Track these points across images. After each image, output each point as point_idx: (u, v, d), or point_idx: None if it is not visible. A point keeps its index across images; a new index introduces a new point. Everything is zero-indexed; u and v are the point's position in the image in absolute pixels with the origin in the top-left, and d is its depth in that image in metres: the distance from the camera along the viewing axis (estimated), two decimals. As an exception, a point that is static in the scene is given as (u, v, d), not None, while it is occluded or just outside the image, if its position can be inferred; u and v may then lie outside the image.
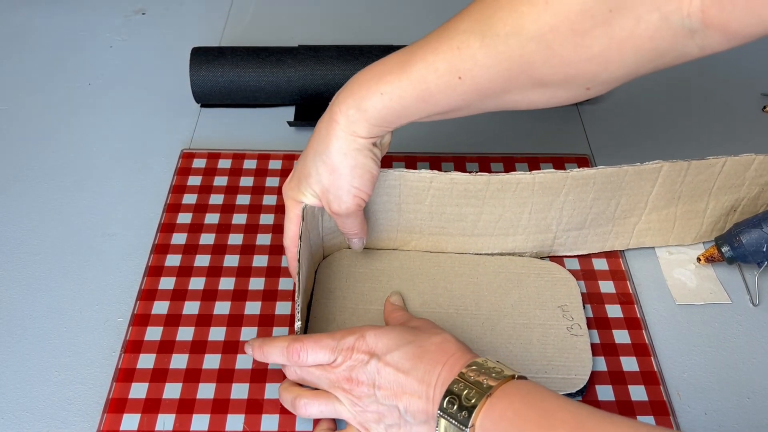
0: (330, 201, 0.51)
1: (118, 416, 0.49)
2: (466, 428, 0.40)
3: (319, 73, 0.72)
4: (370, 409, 0.45)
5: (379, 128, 0.48)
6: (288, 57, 0.73)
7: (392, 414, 0.44)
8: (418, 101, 0.46)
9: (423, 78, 0.45)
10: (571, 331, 0.54)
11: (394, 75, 0.46)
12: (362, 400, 0.45)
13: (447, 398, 0.41)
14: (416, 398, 0.43)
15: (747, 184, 0.57)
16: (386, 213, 0.57)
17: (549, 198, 0.55)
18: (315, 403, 0.47)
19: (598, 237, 0.59)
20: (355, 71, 0.71)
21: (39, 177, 0.68)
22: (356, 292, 0.56)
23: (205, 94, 0.73)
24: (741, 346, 0.55)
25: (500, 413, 0.40)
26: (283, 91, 0.73)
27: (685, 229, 0.60)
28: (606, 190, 0.56)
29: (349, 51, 0.74)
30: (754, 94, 0.78)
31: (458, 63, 0.44)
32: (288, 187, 0.53)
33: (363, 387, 0.45)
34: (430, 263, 0.59)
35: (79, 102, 0.77)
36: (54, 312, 0.56)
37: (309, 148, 0.51)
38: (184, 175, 0.67)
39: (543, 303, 0.56)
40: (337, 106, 0.49)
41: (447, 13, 0.47)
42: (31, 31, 0.86)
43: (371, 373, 0.45)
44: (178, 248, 0.61)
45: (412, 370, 0.44)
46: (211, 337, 0.54)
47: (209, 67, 0.72)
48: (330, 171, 0.50)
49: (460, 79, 0.44)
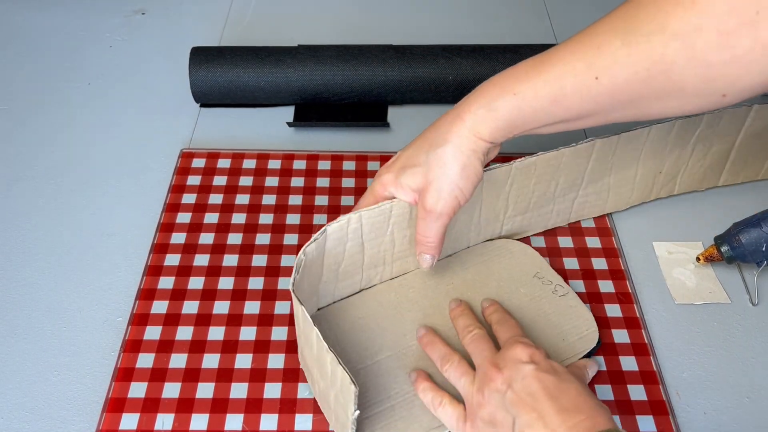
0: (428, 196, 0.50)
1: (117, 416, 0.50)
2: None
3: (318, 73, 0.72)
4: (488, 408, 0.44)
5: (503, 131, 0.48)
6: (287, 57, 0.73)
7: (505, 424, 0.43)
8: (550, 103, 0.46)
9: (559, 77, 0.45)
10: (558, 294, 0.56)
11: (529, 75, 0.46)
12: (490, 394, 0.45)
13: None
14: (541, 425, 0.41)
15: (669, 147, 0.61)
16: (352, 257, 0.53)
17: (496, 191, 0.56)
18: (458, 367, 0.48)
19: (541, 217, 0.61)
20: (355, 71, 0.72)
21: (39, 177, 0.68)
22: (355, 349, 0.53)
23: (205, 94, 0.73)
24: (740, 346, 0.55)
25: None
26: (283, 91, 0.73)
27: (618, 197, 0.63)
28: (546, 173, 0.57)
29: (349, 51, 0.74)
30: (753, 93, 0.78)
31: (597, 61, 0.44)
32: (386, 170, 0.53)
33: (500, 381, 0.45)
34: (402, 288, 0.57)
35: (79, 102, 0.77)
36: (54, 312, 0.56)
37: (423, 139, 0.51)
38: (184, 174, 0.67)
39: (520, 279, 0.57)
40: (466, 105, 0.49)
41: (447, 13, 0.47)
42: (31, 31, 0.86)
43: (517, 375, 0.44)
44: (177, 248, 0.61)
45: (554, 399, 0.42)
46: (210, 336, 0.54)
47: (209, 67, 0.72)
48: (440, 165, 0.49)
49: (596, 79, 0.44)
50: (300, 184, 0.67)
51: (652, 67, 0.42)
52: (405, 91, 0.74)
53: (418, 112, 0.75)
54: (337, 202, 0.65)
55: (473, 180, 0.50)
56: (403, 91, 0.74)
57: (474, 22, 0.88)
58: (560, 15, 0.89)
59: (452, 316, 0.54)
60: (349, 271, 0.54)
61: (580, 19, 0.51)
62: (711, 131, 0.61)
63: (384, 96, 0.74)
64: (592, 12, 0.51)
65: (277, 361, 0.53)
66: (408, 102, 0.75)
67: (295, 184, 0.67)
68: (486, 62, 0.73)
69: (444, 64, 0.73)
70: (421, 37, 0.79)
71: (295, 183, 0.67)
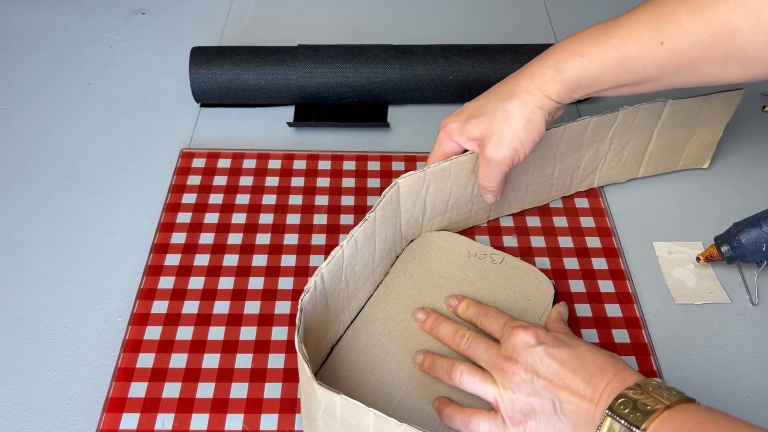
0: (489, 144, 0.53)
1: (117, 416, 0.50)
2: (637, 430, 0.39)
3: (318, 73, 0.72)
4: (522, 399, 0.44)
5: (569, 92, 0.50)
6: (287, 57, 0.73)
7: (545, 408, 0.44)
8: (616, 66, 0.48)
9: (625, 41, 0.47)
10: (496, 262, 0.58)
11: (596, 38, 0.49)
12: (518, 386, 0.45)
13: (620, 401, 0.41)
14: (578, 398, 0.43)
15: (586, 143, 0.62)
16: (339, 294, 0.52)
17: (413, 197, 0.56)
18: (470, 373, 0.47)
19: (460, 217, 0.62)
20: (355, 71, 0.72)
21: (39, 177, 0.68)
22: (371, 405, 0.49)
23: (205, 94, 0.73)
24: (740, 346, 0.55)
25: (679, 424, 0.39)
26: (283, 91, 0.73)
27: (536, 194, 0.64)
28: (461, 176, 0.58)
29: (349, 51, 0.74)
30: (754, 94, 0.78)
31: (663, 27, 0.46)
32: (452, 119, 0.55)
33: (521, 371, 0.45)
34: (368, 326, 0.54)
35: (79, 102, 0.77)
36: (54, 312, 0.56)
37: (492, 92, 0.54)
38: (184, 174, 0.67)
39: (459, 264, 0.58)
40: (536, 64, 0.51)
41: (447, 13, 0.47)
42: (31, 31, 0.86)
43: (534, 359, 0.45)
44: (177, 248, 0.61)
45: (578, 370, 0.44)
46: (211, 336, 0.54)
47: (209, 67, 0.72)
48: (505, 117, 0.52)
49: (662, 44, 0.46)
50: (300, 184, 0.67)
51: (715, 34, 0.44)
52: (405, 91, 0.74)
53: (418, 112, 0.75)
54: (337, 202, 0.65)
55: (534, 135, 0.52)
56: (403, 91, 0.74)
57: (474, 22, 0.88)
58: (560, 15, 0.89)
59: (427, 328, 0.53)
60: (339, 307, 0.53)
61: (580, 19, 0.51)
62: (627, 126, 0.62)
63: (384, 96, 0.74)
64: (593, 12, 0.51)
65: (277, 361, 0.53)
66: (408, 102, 0.75)
67: (295, 184, 0.67)
68: (486, 62, 0.73)
69: (444, 64, 0.73)
70: (421, 37, 0.79)
71: (295, 183, 0.67)
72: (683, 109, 0.63)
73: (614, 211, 0.65)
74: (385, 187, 0.66)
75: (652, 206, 0.66)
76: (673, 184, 0.68)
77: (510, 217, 0.64)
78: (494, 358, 0.47)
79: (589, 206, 0.65)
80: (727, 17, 0.43)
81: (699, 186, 0.68)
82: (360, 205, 0.65)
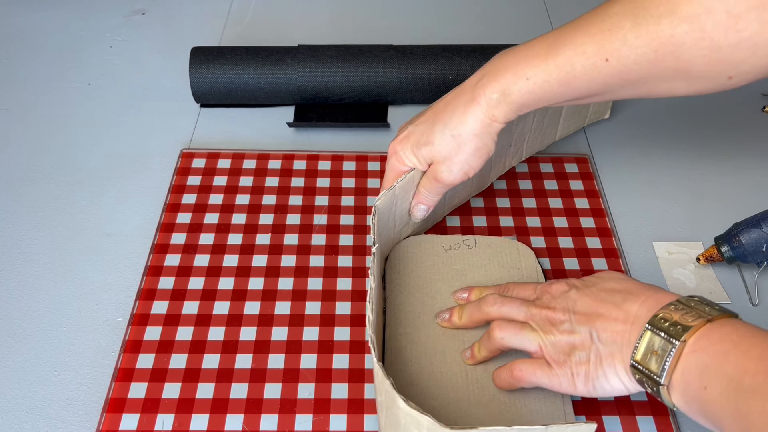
0: (441, 171, 0.54)
1: (117, 416, 0.49)
2: (677, 341, 0.40)
3: (318, 73, 0.72)
4: (564, 338, 0.46)
5: (516, 112, 0.51)
6: (287, 57, 0.73)
7: (585, 341, 0.45)
8: (560, 85, 0.48)
9: (569, 60, 0.47)
10: (471, 246, 0.60)
11: (541, 59, 0.48)
12: (557, 326, 0.46)
13: (660, 316, 0.42)
14: (612, 321, 0.44)
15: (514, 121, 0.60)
16: None
17: (386, 215, 0.56)
18: (508, 326, 0.48)
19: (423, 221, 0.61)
20: (355, 71, 0.72)
21: (39, 177, 0.68)
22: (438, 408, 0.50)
23: (205, 94, 0.73)
24: (740, 346, 0.55)
25: (722, 336, 0.39)
26: (283, 91, 0.73)
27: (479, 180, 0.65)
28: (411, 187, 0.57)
29: (349, 51, 0.74)
30: (754, 94, 0.78)
31: (607, 44, 0.45)
32: (400, 146, 0.55)
33: (559, 314, 0.46)
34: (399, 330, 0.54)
35: (79, 102, 0.77)
36: (54, 312, 0.56)
37: (437, 118, 0.53)
38: (184, 174, 0.67)
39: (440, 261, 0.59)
40: (480, 89, 0.51)
41: (447, 13, 0.47)
42: (31, 31, 0.87)
43: (570, 301, 0.47)
44: (177, 248, 0.61)
45: (609, 297, 0.45)
46: (211, 336, 0.54)
47: (209, 67, 0.72)
48: (456, 146, 0.52)
49: (606, 61, 0.46)
50: (300, 184, 0.67)
51: (660, 49, 0.44)
52: (405, 91, 0.74)
53: (418, 112, 0.75)
54: (338, 202, 0.65)
55: (484, 157, 0.54)
56: (403, 91, 0.74)
57: (474, 22, 0.88)
58: (560, 15, 0.89)
59: (457, 321, 0.53)
60: None
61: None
62: None
63: (384, 96, 0.74)
64: (593, 12, 0.51)
65: (277, 361, 0.53)
66: (408, 102, 0.75)
67: (295, 184, 0.67)
68: (486, 62, 0.73)
69: (444, 64, 0.73)
70: (421, 37, 0.79)
71: (295, 183, 0.67)
72: None
73: (614, 211, 0.65)
74: (385, 188, 0.66)
75: (652, 206, 0.66)
76: (673, 184, 0.68)
77: (510, 218, 0.64)
78: (531, 309, 0.48)
79: (589, 207, 0.65)
80: (671, 32, 0.43)
81: (699, 186, 0.68)
82: (360, 205, 0.65)
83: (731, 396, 0.37)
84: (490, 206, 0.65)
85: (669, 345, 0.40)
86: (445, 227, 0.63)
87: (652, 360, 0.41)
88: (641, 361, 0.42)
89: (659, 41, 0.43)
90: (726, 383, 0.37)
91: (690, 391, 0.40)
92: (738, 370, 0.37)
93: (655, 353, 0.41)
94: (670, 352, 0.40)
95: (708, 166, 0.70)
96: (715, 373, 0.38)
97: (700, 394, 0.39)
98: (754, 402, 0.36)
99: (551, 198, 0.66)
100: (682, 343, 0.40)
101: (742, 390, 0.37)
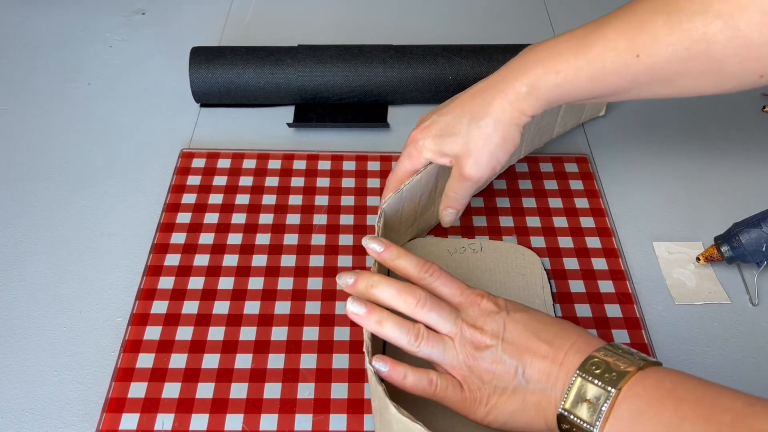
0: (466, 164, 0.52)
1: (117, 416, 0.49)
2: (613, 388, 0.38)
3: (318, 73, 0.72)
4: (485, 366, 0.43)
5: (543, 107, 0.50)
6: (287, 57, 0.73)
7: (508, 374, 0.42)
8: (590, 80, 0.47)
9: (600, 56, 0.46)
10: (477, 251, 0.59)
11: (571, 53, 0.48)
12: (481, 351, 0.43)
13: (591, 361, 0.40)
14: (540, 359, 0.42)
15: None
16: None
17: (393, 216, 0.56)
18: (431, 338, 0.44)
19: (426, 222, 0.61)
20: (355, 71, 0.72)
21: (39, 177, 0.68)
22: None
23: (205, 94, 0.73)
24: (740, 346, 0.55)
25: (656, 382, 0.38)
26: (283, 91, 0.73)
27: None
28: (429, 183, 0.58)
29: (349, 51, 0.74)
30: (754, 93, 0.78)
31: (638, 40, 0.45)
32: (422, 134, 0.54)
33: (487, 338, 0.43)
34: None
35: (79, 102, 0.77)
36: (53, 312, 0.56)
37: (463, 108, 0.52)
38: (184, 174, 0.67)
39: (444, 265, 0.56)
40: (509, 81, 0.50)
41: (447, 13, 0.47)
42: (30, 31, 0.86)
43: (498, 325, 0.43)
44: (177, 248, 0.61)
45: (540, 332, 0.43)
46: (210, 336, 0.54)
47: (209, 67, 0.72)
48: (482, 137, 0.51)
49: (637, 57, 0.45)
50: (300, 184, 0.67)
51: (692, 46, 0.43)
52: (405, 91, 0.74)
53: (418, 112, 0.75)
54: (337, 202, 0.65)
55: (511, 150, 0.53)
56: (403, 91, 0.74)
57: (474, 22, 0.88)
58: (560, 15, 0.89)
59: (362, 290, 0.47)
60: None
61: (580, 19, 0.51)
62: None
63: (384, 96, 0.74)
64: (593, 12, 0.51)
65: (277, 361, 0.53)
66: (408, 102, 0.75)
67: (295, 184, 0.67)
68: (486, 62, 0.73)
69: (444, 64, 0.73)
70: (421, 37, 0.79)
71: (295, 183, 0.67)
72: None
73: (614, 211, 0.65)
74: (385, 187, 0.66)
75: (652, 206, 0.66)
76: (673, 184, 0.68)
77: (510, 218, 0.64)
78: (458, 325, 0.44)
79: (589, 206, 0.65)
80: (704, 29, 0.43)
81: (699, 186, 0.68)
82: (360, 205, 0.65)
83: None
84: (490, 206, 0.65)
85: (604, 393, 0.39)
86: (445, 227, 0.63)
87: (583, 408, 0.39)
88: (570, 409, 0.40)
89: (692, 38, 0.43)
90: (663, 430, 0.37)
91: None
92: (676, 417, 0.36)
93: (588, 401, 0.39)
94: (606, 400, 0.39)
95: (708, 165, 0.70)
96: (651, 420, 0.37)
97: None
98: None
99: (551, 198, 0.66)
100: (617, 391, 0.39)
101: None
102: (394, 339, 0.44)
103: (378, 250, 0.48)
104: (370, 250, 0.48)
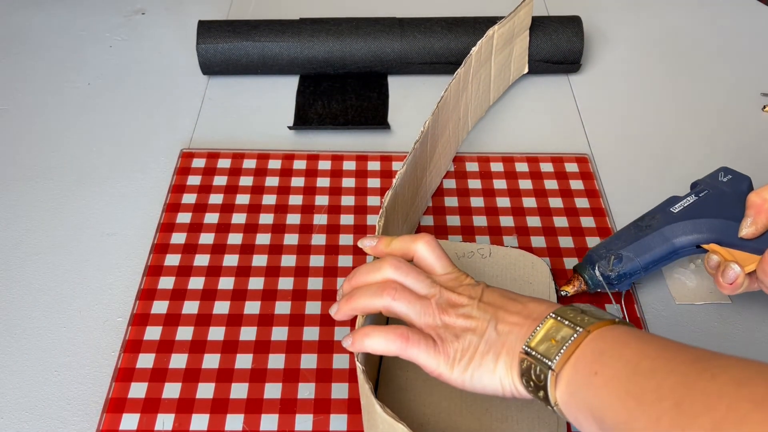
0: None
1: (117, 416, 0.49)
2: (582, 328, 0.39)
3: (325, 45, 0.76)
4: (459, 321, 0.43)
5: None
6: (290, 28, 0.77)
7: (480, 327, 0.43)
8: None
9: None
10: (486, 256, 0.59)
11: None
12: (456, 308, 0.44)
13: (566, 309, 0.41)
14: (513, 314, 0.43)
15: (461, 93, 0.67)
16: None
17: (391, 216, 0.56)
18: (404, 292, 0.44)
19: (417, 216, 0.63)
20: (362, 43, 0.76)
21: (39, 177, 0.68)
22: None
23: (211, 63, 0.77)
24: (740, 346, 0.55)
25: (626, 331, 0.39)
26: (285, 60, 0.77)
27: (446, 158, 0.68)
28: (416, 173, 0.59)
29: (352, 22, 0.78)
30: (754, 94, 0.78)
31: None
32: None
33: (463, 298, 0.44)
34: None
35: (79, 102, 0.77)
36: (53, 312, 0.56)
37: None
38: (184, 174, 0.67)
39: None
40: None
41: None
42: (30, 31, 0.86)
43: (476, 291, 0.45)
44: (177, 248, 0.61)
45: (517, 296, 0.44)
46: (211, 336, 0.54)
47: (214, 37, 0.76)
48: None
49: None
50: (300, 184, 0.67)
51: None
52: (405, 63, 0.78)
53: (419, 113, 0.75)
54: (338, 202, 0.65)
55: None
56: (404, 62, 0.78)
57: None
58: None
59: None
60: None
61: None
62: (479, 65, 0.69)
63: (387, 67, 0.78)
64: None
65: (277, 361, 0.53)
66: (408, 72, 0.79)
67: (295, 184, 0.67)
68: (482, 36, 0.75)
69: (441, 34, 0.77)
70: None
71: (295, 183, 0.67)
72: (505, 31, 0.70)
73: (614, 210, 0.65)
74: (385, 187, 0.66)
75: (652, 206, 0.66)
76: (674, 184, 0.68)
77: (510, 217, 0.64)
78: (435, 287, 0.45)
79: (589, 206, 0.65)
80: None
81: (699, 186, 0.68)
82: (360, 205, 0.65)
83: (623, 379, 0.36)
84: (490, 206, 0.65)
85: (572, 332, 0.39)
86: (445, 227, 0.63)
87: (548, 346, 0.40)
88: (535, 346, 0.40)
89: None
90: (621, 366, 0.36)
91: (577, 380, 0.38)
92: (636, 355, 0.37)
93: (553, 340, 0.40)
94: (571, 338, 0.39)
95: (708, 165, 0.69)
96: (611, 357, 0.37)
97: (587, 380, 0.37)
98: (649, 382, 0.35)
99: (551, 197, 0.66)
100: (585, 332, 0.39)
101: (637, 372, 0.36)
102: (368, 301, 0.45)
103: (372, 244, 0.49)
104: (366, 248, 0.49)
